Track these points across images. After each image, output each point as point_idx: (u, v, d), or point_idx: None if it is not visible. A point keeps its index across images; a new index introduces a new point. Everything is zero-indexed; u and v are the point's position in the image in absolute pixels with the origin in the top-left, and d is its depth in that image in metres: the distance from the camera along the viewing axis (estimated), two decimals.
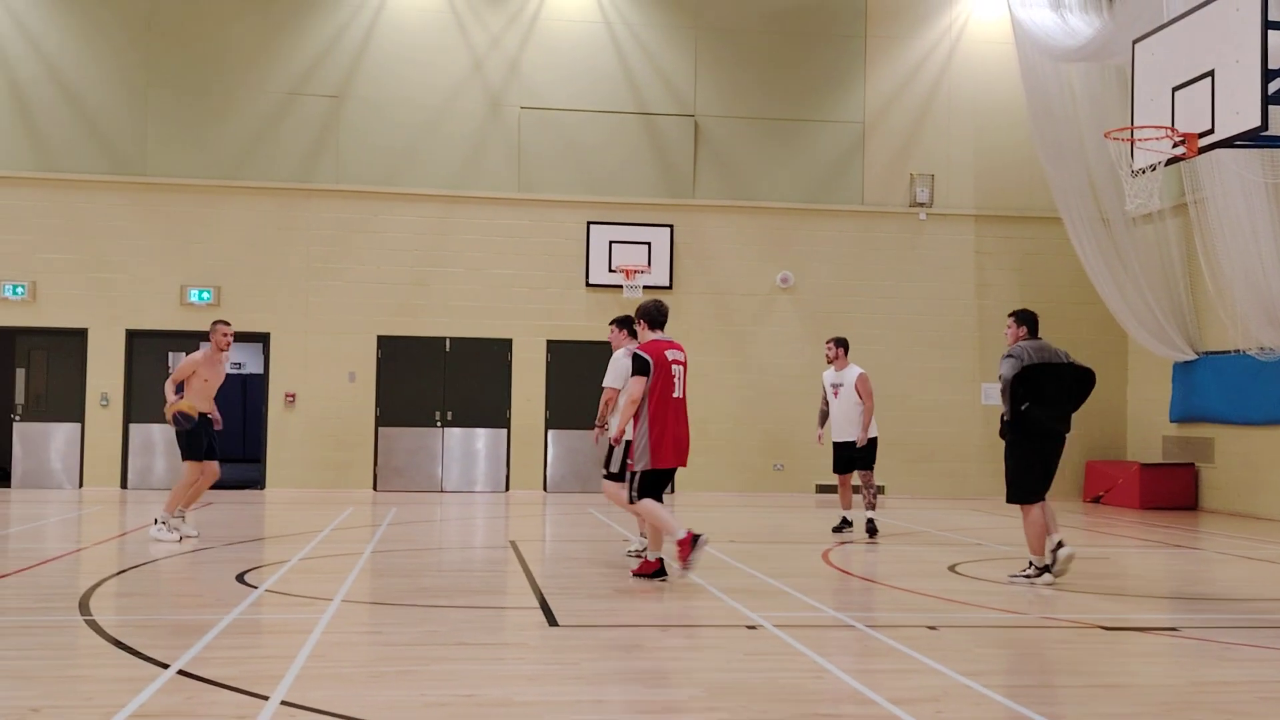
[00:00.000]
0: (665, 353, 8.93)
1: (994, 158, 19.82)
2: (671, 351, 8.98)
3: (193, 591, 8.45)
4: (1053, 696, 5.58)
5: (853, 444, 12.88)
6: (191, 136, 18.30)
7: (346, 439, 18.46)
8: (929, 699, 5.42)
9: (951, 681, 5.74)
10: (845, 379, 12.97)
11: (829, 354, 13.22)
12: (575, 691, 5.53)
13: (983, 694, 5.50)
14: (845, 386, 12.93)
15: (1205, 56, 9.29)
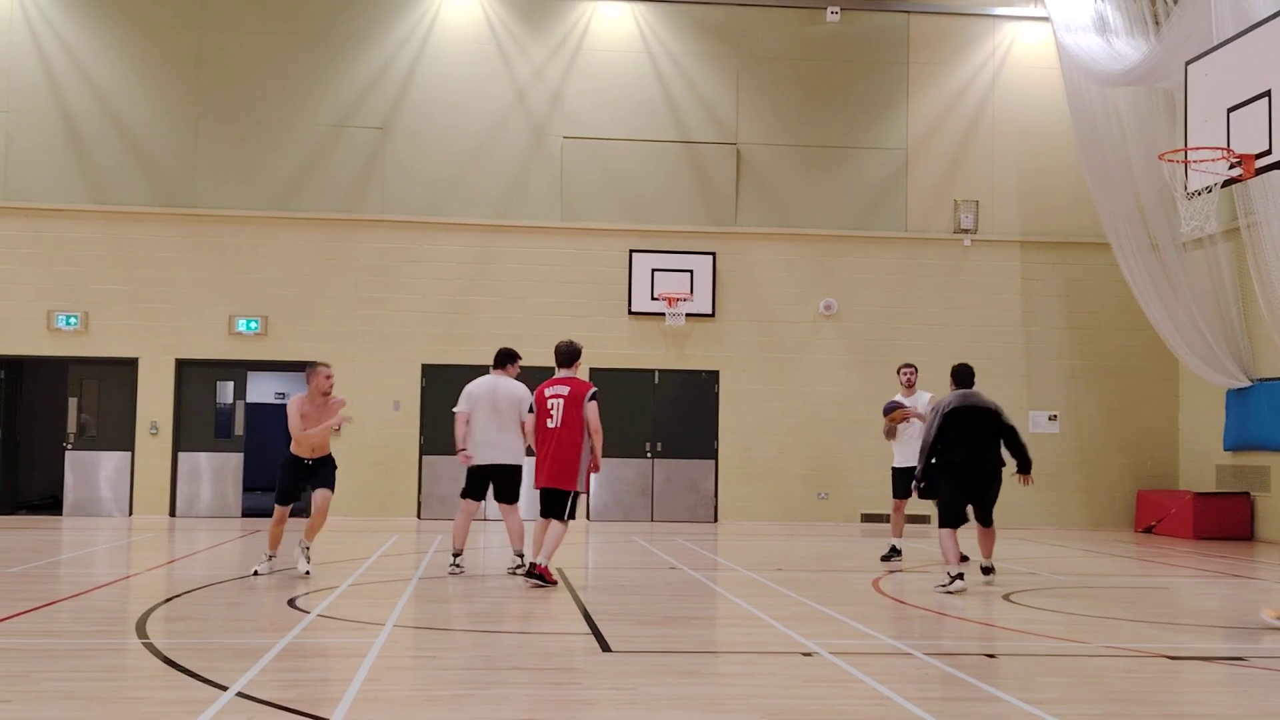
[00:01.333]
0: (545, 390, 10.13)
1: (1039, 183, 19.69)
2: (553, 388, 10.10)
3: (247, 616, 8.46)
4: None
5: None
6: (240, 168, 18.52)
7: (391, 467, 18.51)
8: None
9: (1015, 709, 5.63)
10: (919, 403, 12.54)
11: (907, 379, 12.81)
12: (633, 716, 5.46)
13: None
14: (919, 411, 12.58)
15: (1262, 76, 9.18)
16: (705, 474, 18.98)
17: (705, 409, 19.01)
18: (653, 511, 18.90)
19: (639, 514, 18.87)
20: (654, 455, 18.94)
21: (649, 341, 18.98)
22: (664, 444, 18.99)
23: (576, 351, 10.39)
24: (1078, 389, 19.49)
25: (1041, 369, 19.25)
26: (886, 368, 19.17)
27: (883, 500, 18.84)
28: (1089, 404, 19.46)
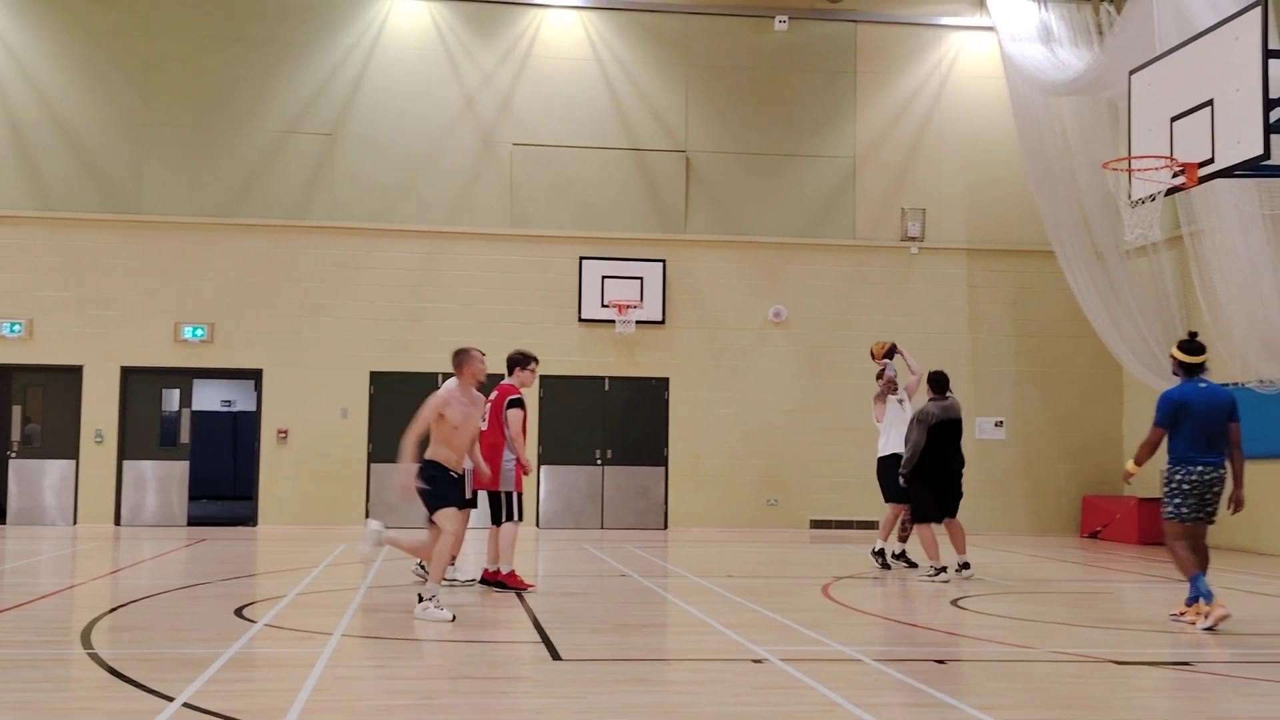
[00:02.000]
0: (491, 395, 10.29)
1: (985, 191, 19.89)
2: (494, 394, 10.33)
3: (192, 626, 8.33)
4: None
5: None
6: (187, 175, 18.30)
7: (339, 475, 18.34)
8: None
9: (965, 715, 5.65)
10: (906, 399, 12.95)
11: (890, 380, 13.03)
12: None
13: None
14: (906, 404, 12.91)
15: (1204, 86, 9.33)
16: (655, 481, 18.97)
17: (655, 416, 19.01)
18: (603, 518, 18.86)
19: (589, 521, 18.83)
20: (604, 462, 18.91)
21: (599, 348, 18.96)
22: (614, 451, 18.96)
23: (510, 360, 10.52)
24: (1024, 396, 19.70)
25: (988, 376, 19.44)
26: (835, 374, 19.32)
27: (834, 506, 19.01)
28: (1035, 410, 19.66)
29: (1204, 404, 8.57)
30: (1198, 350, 8.77)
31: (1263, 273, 14.84)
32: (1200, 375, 8.76)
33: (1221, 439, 8.56)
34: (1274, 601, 10.65)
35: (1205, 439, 8.53)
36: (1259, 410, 15.99)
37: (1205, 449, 8.52)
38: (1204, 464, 8.51)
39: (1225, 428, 8.58)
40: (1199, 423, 8.53)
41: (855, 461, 18.67)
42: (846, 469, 18.80)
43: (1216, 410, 8.55)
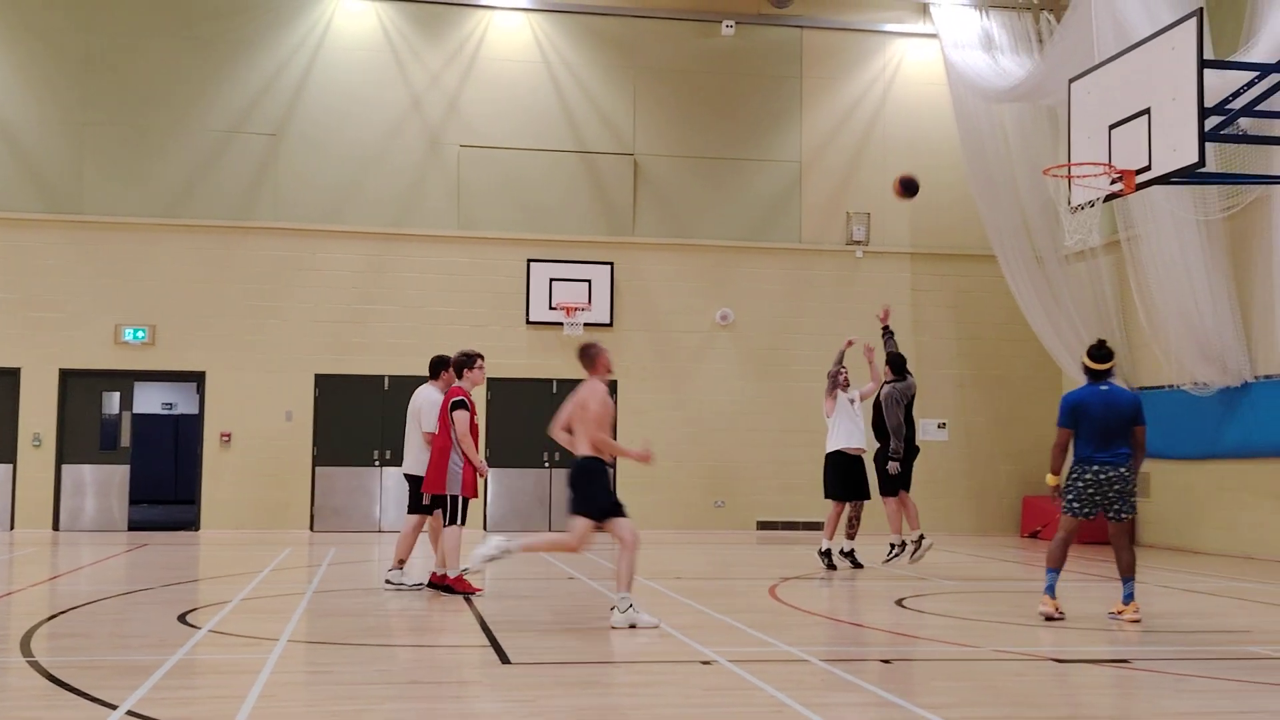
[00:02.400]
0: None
1: (929, 197, 19.94)
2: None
3: (135, 632, 8.23)
4: None
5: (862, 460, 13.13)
6: (128, 174, 18.06)
7: (283, 479, 18.18)
8: None
9: (910, 714, 5.73)
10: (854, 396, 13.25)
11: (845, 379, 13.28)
12: None
13: None
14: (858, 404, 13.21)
15: (1142, 95, 9.52)
16: None
17: None
18: (550, 521, 18.85)
19: (536, 523, 18.81)
20: (552, 465, 18.90)
21: (547, 351, 18.94)
22: (562, 453, 18.88)
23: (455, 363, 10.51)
24: (966, 398, 19.94)
25: (931, 378, 19.63)
26: (781, 377, 19.44)
27: (780, 507, 19.13)
28: (977, 412, 19.92)
29: (1101, 405, 8.84)
30: (1104, 358, 9.04)
31: (1197, 277, 15.17)
32: (1106, 380, 9.00)
33: (1120, 439, 8.80)
34: (1207, 599, 10.88)
35: (1102, 439, 8.78)
36: (1193, 412, 16.34)
37: (1101, 448, 8.78)
38: (1100, 463, 8.77)
39: (1126, 429, 8.82)
40: (1096, 423, 8.80)
41: (801, 463, 18.81)
42: (793, 470, 18.94)
43: (1115, 411, 8.80)
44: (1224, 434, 15.81)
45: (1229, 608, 10.31)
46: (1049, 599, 8.94)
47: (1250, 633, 8.68)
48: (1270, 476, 15.24)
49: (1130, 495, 8.80)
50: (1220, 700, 6.20)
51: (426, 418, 10.54)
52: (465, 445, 10.13)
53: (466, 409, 10.17)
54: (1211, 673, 6.90)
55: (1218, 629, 9.01)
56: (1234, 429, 15.63)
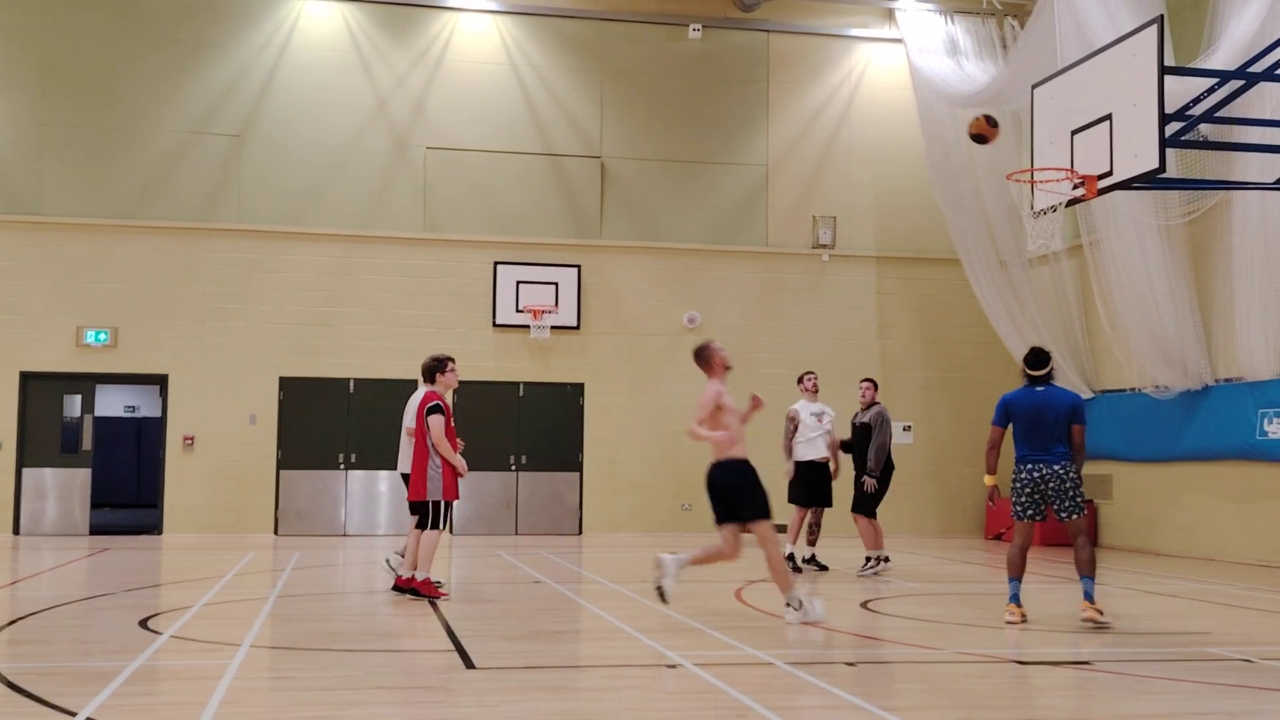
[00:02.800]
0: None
1: (894, 201, 20.22)
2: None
3: (96, 638, 8.15)
4: None
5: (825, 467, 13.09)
6: (88, 175, 17.89)
7: (247, 482, 18.05)
8: None
9: (874, 717, 5.76)
10: (827, 409, 13.13)
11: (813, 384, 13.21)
12: None
13: None
14: (827, 415, 13.08)
15: (1103, 101, 9.60)
16: (570, 487, 18.98)
17: (570, 421, 19.02)
18: (517, 524, 18.81)
19: (503, 527, 18.77)
20: (518, 468, 18.87)
21: (514, 354, 18.91)
22: (528, 457, 18.93)
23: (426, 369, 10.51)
24: (931, 400, 20.06)
25: (897, 381, 19.74)
26: (748, 380, 19.36)
27: None
28: (941, 415, 20.04)
29: (1034, 405, 8.97)
30: (1040, 363, 9.16)
31: (1158, 282, 15.33)
32: (1044, 383, 9.10)
33: (1055, 440, 8.88)
34: (1168, 601, 10.99)
35: (1036, 438, 8.91)
36: (1154, 415, 16.50)
37: (1035, 448, 8.91)
38: (1033, 462, 8.90)
39: (1062, 429, 8.90)
40: (1027, 423, 8.94)
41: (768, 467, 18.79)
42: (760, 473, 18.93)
43: (1048, 411, 8.90)
44: (1184, 437, 15.98)
45: (1189, 609, 10.42)
46: (1015, 608, 9.00)
47: (1210, 634, 8.78)
48: (1230, 479, 15.41)
49: (1072, 494, 8.85)
50: (1180, 701, 6.27)
51: (406, 417, 10.88)
52: (442, 448, 10.12)
53: (442, 413, 10.17)
54: (1172, 674, 6.97)
55: (1178, 631, 9.10)
56: (1194, 432, 15.80)
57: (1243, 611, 10.16)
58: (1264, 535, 14.79)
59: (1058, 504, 8.89)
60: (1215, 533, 15.67)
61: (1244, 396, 14.93)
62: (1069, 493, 8.85)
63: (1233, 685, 6.64)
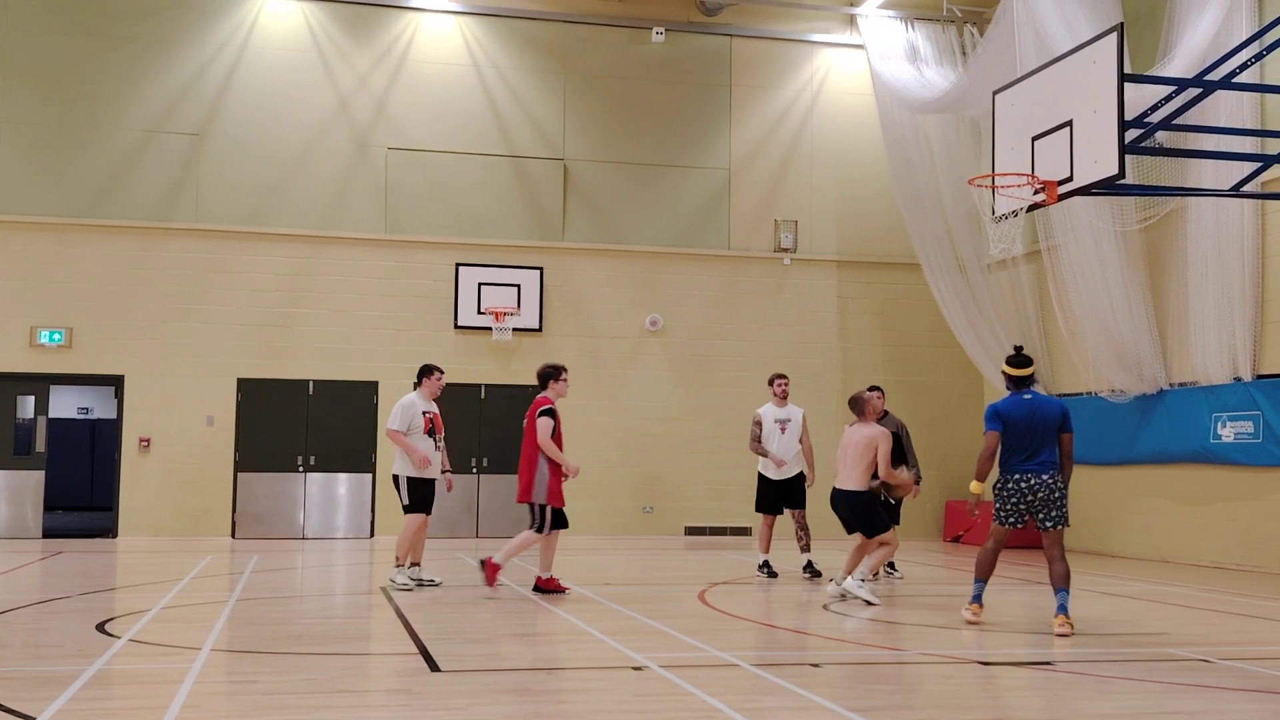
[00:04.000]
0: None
1: (855, 205, 20.32)
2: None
3: (51, 642, 8.02)
4: None
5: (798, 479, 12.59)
6: (44, 174, 17.63)
7: (204, 485, 17.85)
8: None
9: (840, 718, 5.77)
10: (794, 416, 12.71)
11: (782, 389, 12.81)
12: None
13: None
14: (793, 423, 12.67)
15: (1064, 107, 9.69)
16: None
17: None
18: (478, 527, 18.73)
19: (464, 530, 18.68)
20: (480, 471, 18.79)
21: (476, 356, 18.84)
22: (490, 459, 18.85)
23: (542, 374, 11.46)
24: (890, 404, 19.93)
25: (857, 384, 19.65)
26: (710, 383, 19.53)
27: (708, 513, 19.19)
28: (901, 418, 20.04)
29: (1025, 415, 8.88)
30: (1024, 363, 9.12)
31: (1114, 287, 15.51)
32: (1028, 387, 9.08)
33: (1045, 448, 8.84)
34: (1125, 602, 11.11)
35: (1026, 448, 8.85)
36: (1110, 419, 16.69)
37: (1025, 458, 8.85)
38: (1023, 472, 8.85)
39: (1051, 437, 8.87)
40: (1019, 432, 8.85)
41: (730, 469, 18.92)
42: (721, 476, 19.04)
43: (1038, 421, 8.83)
44: (1140, 440, 16.17)
45: (1146, 610, 10.54)
46: (976, 607, 9.06)
47: (1168, 635, 8.88)
48: (1184, 482, 15.61)
49: (1057, 504, 8.80)
50: (1141, 701, 6.33)
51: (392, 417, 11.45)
52: (550, 450, 10.72)
53: (553, 417, 10.80)
54: (1132, 674, 7.04)
55: (1137, 631, 9.20)
56: (1149, 435, 15.99)
57: (1198, 612, 10.29)
58: (1218, 537, 14.99)
59: (1043, 514, 8.83)
60: (1170, 535, 15.87)
61: (1198, 401, 15.14)
62: (1056, 503, 8.81)
63: (1192, 685, 6.72)
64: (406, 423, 11.35)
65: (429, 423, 11.47)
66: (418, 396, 11.60)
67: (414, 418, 11.40)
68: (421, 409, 11.48)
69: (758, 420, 12.83)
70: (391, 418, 11.43)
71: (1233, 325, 14.51)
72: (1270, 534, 14.20)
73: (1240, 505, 14.67)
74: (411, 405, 11.46)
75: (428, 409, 11.54)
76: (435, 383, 11.70)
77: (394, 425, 11.34)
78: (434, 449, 11.51)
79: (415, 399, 11.55)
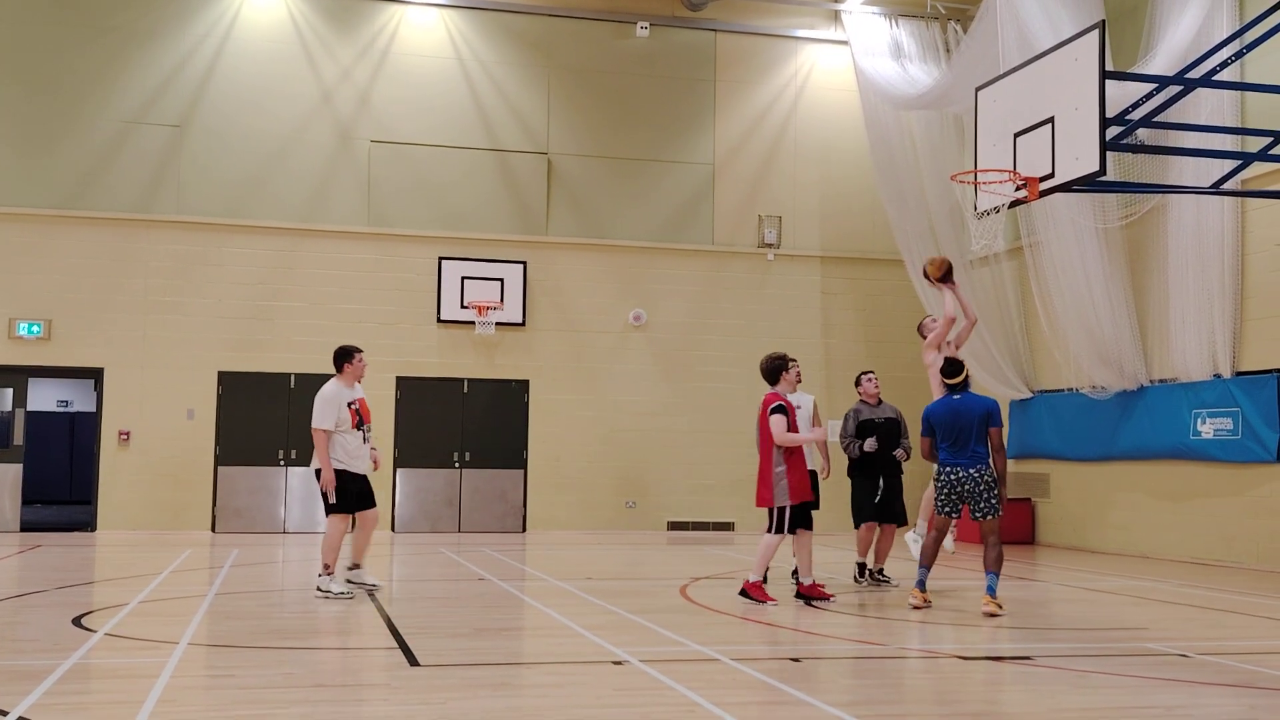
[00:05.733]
0: None
1: (839, 201, 20.34)
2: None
3: (27, 636, 7.97)
4: None
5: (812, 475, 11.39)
6: (23, 164, 17.51)
7: (184, 478, 17.77)
8: None
9: (821, 713, 5.78)
10: (804, 403, 11.49)
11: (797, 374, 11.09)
12: None
13: None
14: (803, 410, 11.30)
15: (1046, 104, 9.72)
16: (514, 484, 18.89)
17: (515, 418, 18.93)
18: (460, 522, 18.70)
19: (446, 525, 18.65)
20: (462, 465, 18.75)
21: (458, 350, 18.79)
22: (472, 454, 18.82)
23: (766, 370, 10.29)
24: None
25: (840, 380, 19.84)
26: (693, 378, 19.53)
27: (690, 508, 19.20)
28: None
29: (950, 413, 9.60)
30: (953, 373, 9.79)
31: (1095, 283, 15.57)
32: (961, 391, 9.68)
33: (975, 443, 9.48)
34: (1105, 597, 11.14)
35: (953, 444, 9.55)
36: (1091, 415, 16.75)
37: (953, 452, 9.58)
38: (952, 465, 9.57)
39: (979, 433, 9.49)
40: (946, 429, 9.59)
41: (712, 464, 18.94)
42: (704, 471, 19.05)
43: (964, 418, 9.53)
44: (1120, 436, 16.23)
45: (1125, 606, 10.58)
46: (919, 593, 9.74)
47: (1147, 630, 8.91)
48: (1164, 478, 15.67)
49: (986, 495, 9.43)
50: (1121, 696, 6.35)
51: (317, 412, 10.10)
52: (791, 442, 9.79)
53: (785, 413, 9.87)
54: (1111, 669, 7.07)
55: (1116, 626, 9.23)
56: (1130, 431, 16.05)
57: (1177, 607, 10.33)
58: (1197, 533, 15.06)
59: (973, 504, 9.51)
60: (1149, 530, 15.93)
61: (1178, 397, 15.20)
62: (983, 495, 9.45)
63: (1170, 680, 6.74)
64: (334, 418, 10.01)
65: (355, 415, 10.13)
66: (340, 384, 10.19)
67: (339, 411, 10.05)
68: (346, 399, 10.13)
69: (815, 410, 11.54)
70: (317, 413, 9.99)
71: (1213, 322, 14.57)
72: (1248, 530, 14.27)
73: (1219, 501, 14.74)
74: (336, 396, 10.08)
75: (353, 398, 10.19)
76: (358, 365, 10.29)
77: (322, 424, 9.95)
78: (363, 443, 10.23)
79: (339, 388, 10.16)
